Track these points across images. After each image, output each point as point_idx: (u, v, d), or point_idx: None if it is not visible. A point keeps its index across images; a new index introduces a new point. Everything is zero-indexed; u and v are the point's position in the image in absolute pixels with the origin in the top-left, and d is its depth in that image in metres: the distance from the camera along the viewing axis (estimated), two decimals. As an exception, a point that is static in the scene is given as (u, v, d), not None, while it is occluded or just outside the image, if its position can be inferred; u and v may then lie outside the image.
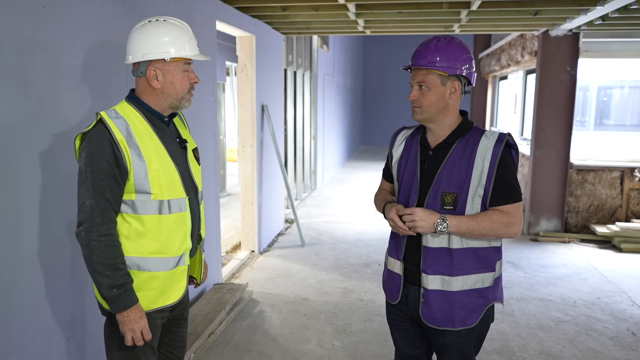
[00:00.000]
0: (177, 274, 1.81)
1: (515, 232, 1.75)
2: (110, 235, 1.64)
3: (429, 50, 1.73)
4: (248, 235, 5.18)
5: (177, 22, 1.76)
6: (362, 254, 5.26)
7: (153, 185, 1.69)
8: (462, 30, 5.74)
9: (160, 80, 1.73)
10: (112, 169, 1.63)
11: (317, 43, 8.25)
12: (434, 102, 1.74)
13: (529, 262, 5.05)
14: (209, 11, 3.79)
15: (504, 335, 3.45)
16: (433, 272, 1.77)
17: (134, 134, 1.68)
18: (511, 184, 1.73)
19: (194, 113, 3.61)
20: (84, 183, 1.62)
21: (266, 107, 5.29)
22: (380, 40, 15.97)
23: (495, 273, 1.81)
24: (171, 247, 1.76)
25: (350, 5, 4.28)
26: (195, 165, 1.91)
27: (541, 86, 5.90)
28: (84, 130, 1.68)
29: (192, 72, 1.79)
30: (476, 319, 1.80)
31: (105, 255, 1.63)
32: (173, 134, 1.84)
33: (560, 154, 5.95)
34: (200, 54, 1.80)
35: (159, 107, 1.77)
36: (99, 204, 1.62)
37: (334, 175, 10.59)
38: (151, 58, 1.70)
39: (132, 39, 1.74)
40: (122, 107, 1.74)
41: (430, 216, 1.71)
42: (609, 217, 6.00)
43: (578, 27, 5.41)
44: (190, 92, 1.81)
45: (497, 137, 1.73)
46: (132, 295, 1.68)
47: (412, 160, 1.85)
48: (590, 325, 3.64)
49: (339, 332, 3.49)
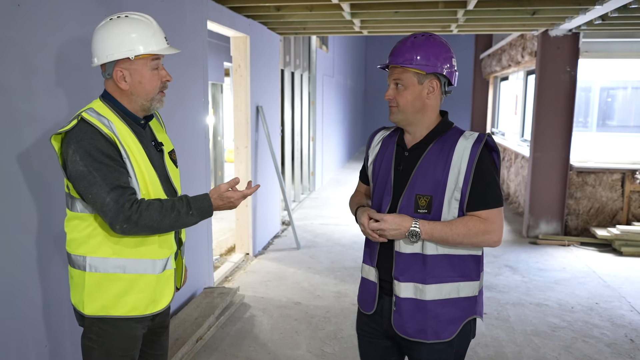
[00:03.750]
0: (165, 278, 1.75)
1: (494, 241, 1.64)
2: (146, 205, 1.58)
3: (406, 47, 1.66)
4: (242, 237, 5.12)
5: (139, 17, 1.67)
6: (358, 257, 5.19)
7: (141, 187, 1.65)
8: (460, 31, 5.67)
9: (128, 80, 1.65)
10: (113, 160, 1.58)
11: (316, 43, 8.18)
12: (410, 102, 1.66)
13: (527, 266, 4.97)
14: (199, 11, 3.73)
15: (498, 342, 3.38)
16: (405, 279, 1.67)
17: (118, 134, 1.61)
18: (490, 187, 1.62)
19: (183, 113, 3.55)
20: (94, 184, 1.55)
21: (261, 108, 5.23)
22: (382, 41, 15.89)
23: (474, 283, 1.71)
24: (157, 248, 1.71)
25: (345, 5, 4.22)
26: (173, 168, 1.84)
27: (541, 87, 5.82)
28: (60, 129, 1.59)
29: (162, 70, 1.70)
30: (452, 333, 1.68)
31: (160, 216, 1.58)
32: (149, 136, 1.77)
33: (560, 156, 5.86)
34: (169, 47, 1.70)
35: (132, 109, 1.70)
36: (119, 194, 1.56)
37: (333, 177, 10.53)
38: (115, 58, 1.62)
39: (95, 40, 1.65)
40: (98, 105, 1.66)
41: (402, 223, 1.61)
42: (609, 220, 5.91)
43: (578, 27, 5.33)
44: (162, 91, 1.72)
45: (476, 138, 1.64)
46: (202, 201, 1.66)
47: (387, 161, 1.76)
48: (588, 332, 3.56)
49: (329, 337, 3.43)
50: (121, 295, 1.67)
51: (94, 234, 1.65)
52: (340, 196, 8.33)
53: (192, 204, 1.64)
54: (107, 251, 1.65)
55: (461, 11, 4.39)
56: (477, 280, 1.72)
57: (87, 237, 1.66)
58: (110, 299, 1.67)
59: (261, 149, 5.37)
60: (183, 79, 3.53)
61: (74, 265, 1.69)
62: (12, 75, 2.00)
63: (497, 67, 9.14)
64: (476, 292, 1.72)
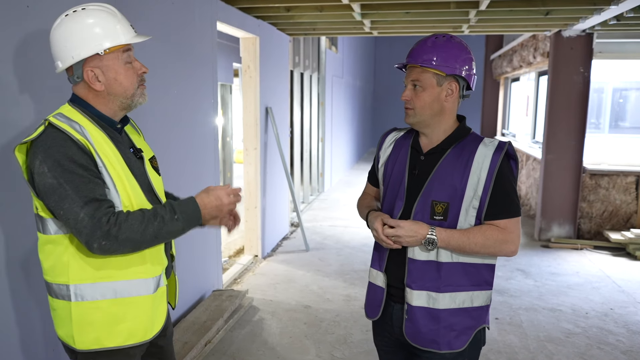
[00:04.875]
0: (158, 297, 1.60)
1: (511, 251, 1.61)
2: (125, 216, 1.41)
3: (426, 47, 1.61)
4: (251, 239, 5.09)
5: (98, 7, 1.48)
6: (368, 260, 5.13)
7: (123, 199, 1.47)
8: (471, 31, 5.61)
9: (102, 80, 1.47)
10: (87, 169, 1.39)
11: (325, 44, 8.15)
12: (428, 104, 1.61)
13: (540, 270, 4.90)
14: (209, 12, 3.70)
15: (511, 348, 3.32)
16: (418, 287, 1.63)
17: (93, 141, 1.43)
18: (509, 196, 1.59)
19: (192, 115, 3.53)
20: (66, 197, 1.36)
21: (270, 109, 5.20)
22: (391, 41, 15.83)
23: (487, 292, 1.67)
24: (148, 265, 1.55)
25: (355, 6, 4.17)
26: (155, 176, 1.66)
27: (553, 88, 5.74)
28: (25, 139, 1.40)
29: (136, 62, 1.53)
30: (464, 342, 1.65)
31: (142, 225, 1.41)
32: (126, 143, 1.60)
33: (573, 158, 5.77)
34: (138, 35, 1.53)
35: (109, 112, 1.52)
36: (94, 208, 1.37)
37: (342, 178, 10.49)
38: (82, 57, 1.44)
39: (55, 42, 1.46)
40: (67, 110, 1.48)
41: (419, 230, 1.57)
42: (623, 223, 5.81)
43: (592, 27, 5.25)
44: (142, 84, 1.55)
45: (497, 146, 1.60)
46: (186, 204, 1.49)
47: (400, 164, 1.71)
48: (603, 338, 3.49)
49: (339, 342, 3.38)
50: (115, 322, 1.50)
51: (75, 258, 1.46)
52: (349, 197, 8.28)
53: (177, 207, 1.48)
54: (93, 275, 1.46)
55: (473, 11, 4.33)
56: (490, 289, 1.70)
57: (67, 262, 1.46)
58: (104, 329, 1.49)
59: (270, 150, 5.34)
60: (192, 79, 3.51)
61: (56, 296, 1.50)
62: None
63: (508, 68, 9.05)
64: (488, 301, 1.70)
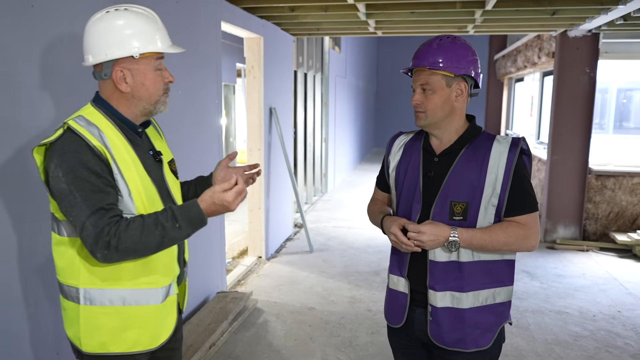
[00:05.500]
0: (167, 307, 1.57)
1: (532, 246, 1.61)
2: (125, 226, 1.37)
3: (432, 49, 1.61)
4: (255, 240, 5.07)
5: (141, 10, 1.48)
6: (372, 261, 5.11)
7: (137, 205, 1.45)
8: (476, 31, 5.57)
9: (130, 82, 1.46)
10: (100, 177, 1.38)
11: (329, 44, 8.12)
12: (440, 106, 1.61)
13: (545, 272, 4.86)
14: (213, 12, 3.68)
15: (519, 351, 3.28)
16: (442, 288, 1.63)
17: (110, 146, 1.42)
18: (527, 192, 1.60)
19: (196, 115, 3.50)
20: (75, 205, 1.36)
21: (274, 109, 5.18)
22: (394, 41, 15.79)
23: (508, 288, 1.69)
24: (159, 275, 1.53)
25: (360, 5, 4.14)
26: (173, 179, 1.65)
27: (559, 88, 5.70)
28: (43, 141, 1.41)
29: (165, 70, 1.53)
30: (490, 340, 1.66)
31: (143, 236, 1.37)
32: (146, 146, 1.59)
33: (578, 159, 5.74)
34: (173, 45, 1.53)
35: (131, 115, 1.51)
36: (98, 218, 1.36)
37: (345, 178, 10.46)
38: (117, 56, 1.43)
39: (90, 35, 1.44)
40: (89, 112, 1.47)
41: (440, 233, 1.56)
42: (629, 224, 5.77)
43: (598, 27, 5.21)
44: (166, 93, 1.55)
45: (511, 142, 1.60)
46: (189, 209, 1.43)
47: (414, 167, 1.70)
48: (611, 342, 3.46)
49: (344, 344, 3.36)
50: (121, 330, 1.49)
51: (86, 262, 1.45)
52: (352, 198, 8.25)
53: (178, 214, 1.42)
54: (103, 281, 1.46)
55: (479, 11, 4.30)
56: (512, 285, 1.71)
57: (78, 266, 1.46)
58: (110, 335, 1.49)
59: (274, 151, 5.31)
60: (196, 80, 3.48)
61: (67, 297, 1.51)
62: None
63: (512, 68, 9.01)
64: (510, 297, 1.71)
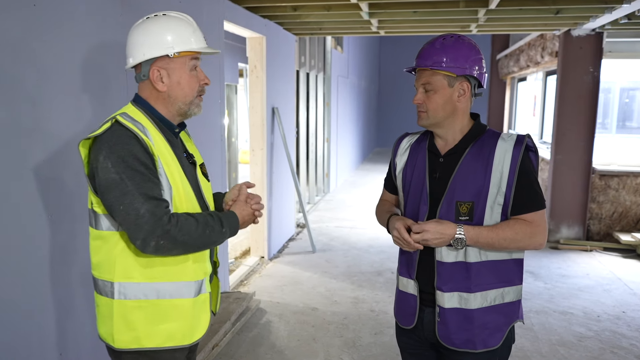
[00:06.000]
0: (200, 304, 1.58)
1: (540, 243, 1.59)
2: (184, 219, 1.44)
3: (435, 49, 1.59)
4: (257, 240, 5.06)
5: (178, 15, 1.58)
6: (375, 261, 5.09)
7: (175, 203, 1.50)
8: (479, 31, 5.56)
9: (166, 81, 1.52)
10: (148, 168, 1.42)
11: (331, 44, 8.11)
12: (441, 106, 1.60)
13: (549, 272, 4.84)
14: (216, 11, 3.67)
15: (523, 352, 3.27)
16: (449, 289, 1.61)
17: (153, 142, 1.47)
18: (534, 189, 1.58)
19: (199, 115, 3.49)
20: (127, 193, 1.39)
21: (277, 109, 5.16)
22: (396, 41, 15.77)
23: (517, 287, 1.67)
24: (192, 270, 1.55)
25: (363, 5, 4.13)
26: (205, 182, 1.69)
27: (562, 88, 5.68)
28: (90, 134, 1.45)
29: (201, 72, 1.59)
30: (499, 340, 1.64)
31: (197, 232, 1.45)
32: (180, 147, 1.63)
33: (582, 159, 5.71)
34: (208, 47, 1.59)
35: (168, 114, 1.57)
36: (155, 205, 1.40)
37: (347, 178, 10.44)
38: (153, 55, 1.50)
39: (131, 39, 1.54)
40: (131, 111, 1.52)
41: (445, 230, 1.54)
42: (633, 224, 5.74)
43: (602, 26, 5.19)
44: (200, 95, 1.60)
45: (516, 139, 1.58)
46: (231, 218, 1.58)
47: (420, 168, 1.69)
48: (616, 342, 3.44)
49: (348, 345, 3.34)
50: (155, 323, 1.51)
51: (122, 256, 1.49)
52: (355, 198, 8.23)
53: (224, 221, 1.53)
54: (138, 275, 1.49)
55: (482, 10, 4.28)
56: (521, 284, 1.69)
57: (114, 260, 1.49)
58: (143, 329, 1.50)
59: (276, 151, 5.30)
60: (199, 80, 3.48)
61: (100, 292, 1.53)
62: (28, 82, 1.92)
63: (515, 68, 8.98)
64: (520, 296, 1.69)
